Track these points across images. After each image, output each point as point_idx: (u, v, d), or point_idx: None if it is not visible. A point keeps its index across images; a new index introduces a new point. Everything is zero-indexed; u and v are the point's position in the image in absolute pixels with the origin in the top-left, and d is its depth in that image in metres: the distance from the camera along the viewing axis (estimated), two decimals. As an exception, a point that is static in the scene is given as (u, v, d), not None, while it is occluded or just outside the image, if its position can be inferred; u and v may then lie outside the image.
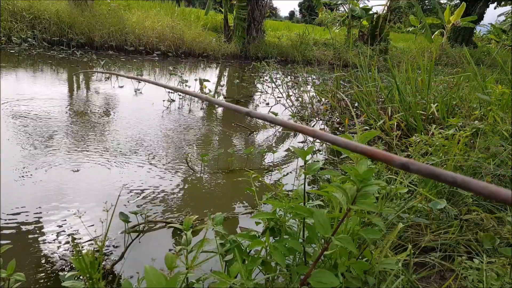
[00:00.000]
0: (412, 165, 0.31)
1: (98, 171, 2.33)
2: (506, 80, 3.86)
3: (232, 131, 3.65)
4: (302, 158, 1.05)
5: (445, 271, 1.43)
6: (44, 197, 1.94)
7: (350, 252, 1.03)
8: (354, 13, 12.66)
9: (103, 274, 1.42)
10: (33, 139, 2.69)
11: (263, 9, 11.01)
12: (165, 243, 1.71)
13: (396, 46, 14.50)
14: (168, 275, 0.90)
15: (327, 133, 0.38)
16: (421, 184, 1.79)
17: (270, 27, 16.40)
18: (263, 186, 2.33)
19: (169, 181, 2.32)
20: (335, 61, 10.35)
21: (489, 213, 1.72)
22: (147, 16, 10.04)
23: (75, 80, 5.25)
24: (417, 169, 0.31)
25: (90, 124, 3.23)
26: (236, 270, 0.95)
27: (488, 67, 7.33)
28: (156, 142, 2.98)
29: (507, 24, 23.22)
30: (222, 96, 5.13)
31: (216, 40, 10.76)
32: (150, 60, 8.33)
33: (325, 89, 5.18)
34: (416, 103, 3.30)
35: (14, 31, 7.53)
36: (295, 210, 1.03)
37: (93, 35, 8.43)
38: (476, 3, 19.03)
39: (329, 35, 13.31)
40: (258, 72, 8.02)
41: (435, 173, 0.30)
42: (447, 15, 15.28)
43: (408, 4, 13.54)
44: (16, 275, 1.10)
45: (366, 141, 0.95)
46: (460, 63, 11.37)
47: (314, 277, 0.92)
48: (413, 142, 2.20)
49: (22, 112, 3.29)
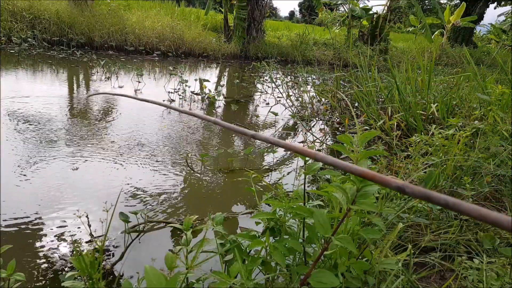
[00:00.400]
0: (407, 188, 0.33)
1: (98, 171, 2.33)
2: (506, 80, 3.86)
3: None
4: (302, 158, 1.05)
5: (445, 271, 1.43)
6: (43, 197, 1.94)
7: (350, 252, 1.03)
8: (354, 13, 12.65)
9: (103, 274, 1.42)
10: (32, 139, 2.69)
11: (263, 9, 11.01)
12: (165, 243, 1.71)
13: (396, 46, 14.50)
14: (168, 275, 0.90)
15: (328, 156, 0.41)
16: (421, 184, 1.79)
17: (270, 27, 16.40)
18: (263, 186, 2.33)
19: (169, 181, 2.32)
20: (335, 61, 10.35)
21: (489, 213, 1.71)
22: (147, 16, 10.04)
23: (75, 80, 5.25)
24: (412, 192, 0.33)
25: (89, 124, 3.23)
26: (236, 270, 0.95)
27: (488, 67, 7.33)
28: (156, 142, 2.98)
29: (507, 24, 23.22)
30: (222, 96, 5.13)
31: (216, 40, 10.76)
32: (150, 60, 8.33)
33: (325, 89, 5.18)
34: (416, 103, 3.30)
35: (14, 31, 7.53)
36: (295, 210, 1.03)
37: (93, 35, 8.43)
38: (476, 3, 19.04)
39: (329, 35, 13.31)
40: (258, 72, 8.02)
41: (428, 196, 0.32)
42: (447, 15, 15.28)
43: (408, 4, 13.54)
44: (16, 275, 1.10)
45: (366, 141, 0.95)
46: (460, 63, 11.37)
47: (314, 277, 0.92)
48: (413, 142, 2.20)
49: (21, 111, 3.29)
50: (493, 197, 1.90)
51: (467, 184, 1.65)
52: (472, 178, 1.90)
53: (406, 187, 0.33)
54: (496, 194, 1.91)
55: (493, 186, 1.87)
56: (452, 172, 1.89)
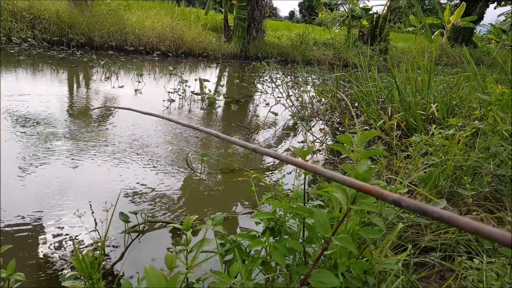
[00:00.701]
0: (403, 202, 0.35)
1: (98, 171, 2.33)
2: (506, 80, 3.86)
3: (232, 131, 3.65)
4: (302, 158, 1.05)
5: (445, 271, 1.43)
6: (43, 197, 1.94)
7: (350, 252, 1.03)
8: (354, 13, 12.65)
9: (103, 274, 1.42)
10: (32, 139, 2.69)
11: (263, 9, 11.01)
12: (165, 243, 1.71)
13: (396, 46, 14.50)
14: (168, 275, 0.90)
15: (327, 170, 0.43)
16: (421, 184, 1.79)
17: (270, 27, 16.39)
18: (263, 186, 2.33)
19: (169, 181, 2.32)
20: (335, 61, 10.35)
21: (489, 213, 1.72)
22: (147, 16, 10.04)
23: (75, 79, 5.25)
24: (407, 206, 0.34)
25: (89, 123, 3.23)
26: (236, 270, 0.95)
27: (488, 67, 7.33)
28: (156, 142, 2.98)
29: (507, 24, 23.22)
30: (222, 96, 5.13)
31: (216, 40, 10.76)
32: (150, 60, 8.33)
33: (325, 89, 5.18)
34: (416, 103, 3.30)
35: (14, 31, 7.53)
36: (295, 210, 1.03)
37: (93, 35, 8.43)
38: (476, 3, 19.04)
39: (329, 35, 13.31)
40: (258, 72, 8.02)
41: (423, 209, 0.34)
42: (447, 15, 15.28)
43: (408, 4, 13.53)
44: (16, 275, 1.10)
45: (366, 141, 0.95)
46: (460, 63, 11.37)
47: (314, 277, 0.92)
48: (413, 142, 2.20)
49: (21, 111, 3.29)
50: (493, 197, 1.90)
51: (467, 184, 1.65)
52: (472, 178, 1.90)
53: (402, 201, 0.34)
54: (496, 194, 1.91)
55: (493, 186, 1.87)
56: (452, 172, 1.89)
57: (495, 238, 0.29)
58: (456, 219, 0.31)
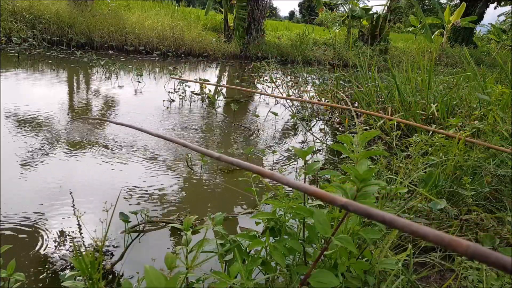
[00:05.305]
0: (350, 206, 0.37)
1: (98, 171, 2.33)
2: (506, 80, 3.86)
3: (232, 131, 3.65)
4: (302, 158, 1.05)
5: (445, 271, 1.43)
6: (43, 197, 1.94)
7: (350, 252, 1.03)
8: (354, 13, 12.65)
9: (103, 274, 1.42)
10: (32, 139, 2.69)
11: (263, 9, 11.00)
12: (165, 243, 1.71)
13: (396, 46, 14.50)
14: (168, 275, 0.90)
15: (283, 176, 0.47)
16: (421, 184, 1.79)
17: (270, 27, 16.39)
18: (264, 186, 2.33)
19: (169, 181, 2.32)
20: (335, 61, 10.35)
21: (489, 213, 1.72)
22: (147, 16, 10.03)
23: (75, 79, 5.24)
24: (354, 209, 0.36)
25: (89, 123, 3.23)
26: (236, 270, 0.95)
27: (488, 67, 7.33)
28: (156, 142, 2.98)
29: (507, 24, 23.22)
30: (222, 96, 5.13)
31: (216, 40, 10.75)
32: (150, 60, 8.33)
33: (325, 89, 5.18)
34: (416, 103, 3.30)
35: (14, 31, 7.53)
36: (295, 210, 1.03)
37: (93, 35, 8.43)
38: (476, 3, 19.03)
39: (329, 35, 13.31)
40: (258, 72, 8.02)
41: (368, 213, 0.35)
42: (447, 15, 15.28)
43: (408, 4, 13.54)
44: (16, 275, 1.10)
45: (366, 141, 0.95)
46: (460, 63, 11.37)
47: (314, 277, 0.92)
48: (413, 142, 2.20)
49: (21, 111, 3.29)
50: (493, 197, 1.90)
51: (467, 184, 1.65)
52: (472, 178, 1.90)
53: (350, 205, 0.36)
54: (496, 194, 1.91)
55: (493, 186, 1.87)
56: (452, 172, 1.89)
57: (429, 238, 0.30)
58: (396, 221, 0.32)
